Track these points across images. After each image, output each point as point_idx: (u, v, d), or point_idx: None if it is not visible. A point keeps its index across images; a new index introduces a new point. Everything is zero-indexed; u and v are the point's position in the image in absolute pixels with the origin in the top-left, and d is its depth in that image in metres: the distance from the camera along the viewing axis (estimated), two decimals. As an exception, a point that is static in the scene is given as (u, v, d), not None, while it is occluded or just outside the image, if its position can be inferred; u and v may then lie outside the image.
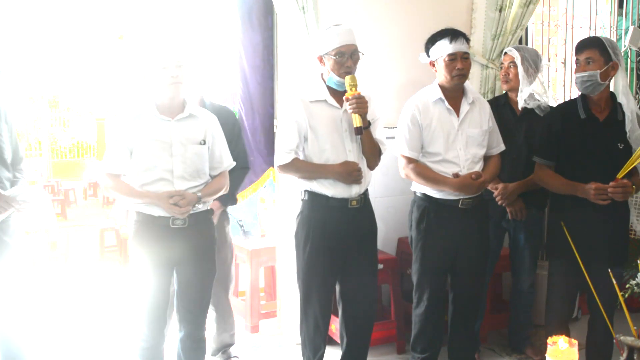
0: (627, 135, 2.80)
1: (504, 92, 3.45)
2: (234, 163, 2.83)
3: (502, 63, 3.41)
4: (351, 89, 2.65)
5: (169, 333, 2.93)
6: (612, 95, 2.88)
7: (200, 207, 2.65)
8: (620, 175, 2.70)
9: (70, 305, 4.44)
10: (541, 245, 3.45)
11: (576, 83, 2.81)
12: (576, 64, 2.81)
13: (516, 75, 3.29)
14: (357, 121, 2.65)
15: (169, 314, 2.83)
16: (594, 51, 2.75)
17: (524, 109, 3.30)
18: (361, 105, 2.64)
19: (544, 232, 3.48)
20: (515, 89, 3.31)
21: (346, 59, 2.68)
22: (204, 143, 2.65)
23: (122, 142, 2.59)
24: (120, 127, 2.62)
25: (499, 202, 3.25)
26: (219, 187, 2.73)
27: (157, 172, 2.57)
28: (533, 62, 3.28)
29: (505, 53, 3.38)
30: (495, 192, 3.24)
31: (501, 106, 3.31)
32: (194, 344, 2.77)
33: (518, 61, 3.27)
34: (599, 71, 2.73)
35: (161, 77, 2.56)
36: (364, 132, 2.70)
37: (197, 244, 2.66)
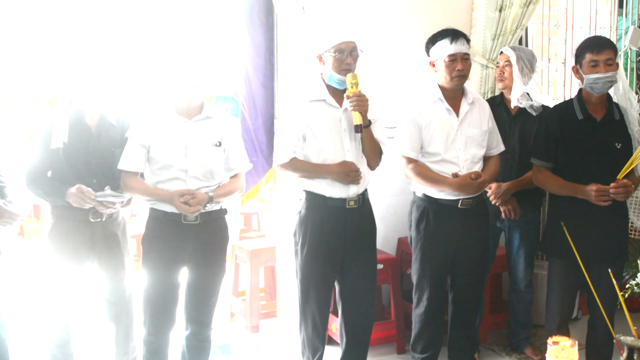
0: (638, 129, 2.81)
1: (500, 92, 3.45)
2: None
3: (497, 62, 3.42)
4: (352, 87, 2.65)
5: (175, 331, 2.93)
6: (608, 96, 2.88)
7: (212, 207, 2.65)
8: (620, 175, 2.70)
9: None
10: (537, 244, 3.45)
11: (594, 84, 2.74)
12: (592, 64, 2.73)
13: (511, 74, 3.30)
14: (357, 119, 2.65)
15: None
16: (612, 52, 2.74)
17: (519, 109, 3.31)
18: (361, 103, 2.64)
19: (539, 232, 3.48)
20: (510, 88, 3.32)
21: (346, 56, 2.68)
22: (220, 145, 2.67)
23: (139, 141, 2.63)
24: (138, 127, 2.65)
25: (493, 202, 3.25)
26: (232, 188, 2.74)
27: (172, 171, 2.61)
28: (528, 62, 3.29)
29: (502, 52, 3.41)
30: (489, 192, 3.24)
31: (496, 106, 3.31)
32: (199, 343, 2.77)
33: (513, 60, 3.29)
34: (617, 72, 2.74)
35: (179, 82, 2.59)
36: (364, 131, 2.70)
37: (207, 242, 2.67)
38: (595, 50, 2.73)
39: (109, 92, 2.75)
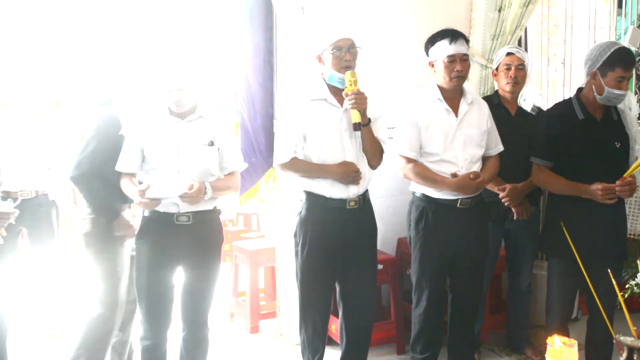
0: (636, 130, 2.84)
1: (495, 91, 3.42)
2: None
3: (506, 64, 3.29)
4: (351, 85, 2.65)
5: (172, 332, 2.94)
6: None
7: (206, 198, 2.62)
8: (627, 174, 2.73)
9: (69, 306, 4.43)
10: (537, 244, 3.47)
11: (615, 98, 2.75)
12: (619, 80, 2.71)
13: (524, 77, 3.28)
14: (355, 117, 2.65)
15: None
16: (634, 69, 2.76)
17: (518, 109, 3.31)
18: (360, 100, 2.64)
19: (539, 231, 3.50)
20: (519, 91, 3.31)
21: (344, 53, 2.68)
22: (212, 144, 2.66)
23: (134, 142, 2.63)
24: (133, 127, 2.65)
25: (507, 204, 3.22)
26: (226, 184, 2.72)
27: (164, 171, 2.59)
28: (530, 64, 3.31)
29: (511, 54, 3.30)
30: (503, 193, 3.20)
31: (495, 106, 3.26)
32: (196, 344, 2.77)
33: (527, 64, 3.28)
34: None
35: (163, 87, 2.59)
36: (364, 129, 2.70)
37: (201, 242, 2.66)
38: (627, 67, 2.71)
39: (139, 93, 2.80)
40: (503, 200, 3.21)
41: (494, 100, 3.34)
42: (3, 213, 2.53)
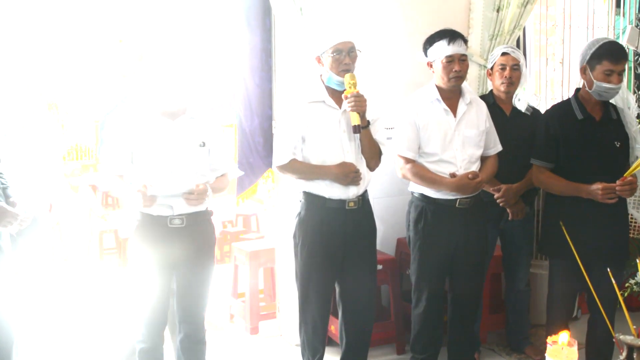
0: (636, 129, 2.85)
1: (490, 91, 3.42)
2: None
3: (501, 64, 3.28)
4: (350, 87, 2.65)
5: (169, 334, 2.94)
6: None
7: (198, 208, 2.63)
8: (628, 173, 2.73)
9: (69, 306, 4.43)
10: (533, 242, 3.47)
11: (605, 92, 2.75)
12: (607, 73, 2.72)
13: (518, 78, 3.28)
14: (355, 119, 2.65)
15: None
16: (625, 63, 2.75)
17: (513, 109, 3.31)
18: (360, 103, 2.64)
19: (535, 228, 3.51)
20: (514, 91, 3.32)
21: (344, 56, 2.69)
22: (204, 145, 2.65)
23: (123, 143, 2.61)
24: (122, 128, 2.63)
25: (502, 204, 3.22)
26: (219, 186, 2.73)
27: (157, 172, 2.57)
28: (525, 64, 3.32)
29: (506, 54, 3.29)
30: (498, 194, 3.20)
31: (490, 106, 3.25)
32: (194, 345, 2.76)
33: (522, 64, 3.28)
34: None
35: (159, 97, 2.60)
36: (363, 132, 2.70)
37: (195, 244, 2.66)
38: (615, 60, 2.71)
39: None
40: (498, 201, 3.22)
41: (489, 100, 3.33)
42: (14, 214, 2.49)
